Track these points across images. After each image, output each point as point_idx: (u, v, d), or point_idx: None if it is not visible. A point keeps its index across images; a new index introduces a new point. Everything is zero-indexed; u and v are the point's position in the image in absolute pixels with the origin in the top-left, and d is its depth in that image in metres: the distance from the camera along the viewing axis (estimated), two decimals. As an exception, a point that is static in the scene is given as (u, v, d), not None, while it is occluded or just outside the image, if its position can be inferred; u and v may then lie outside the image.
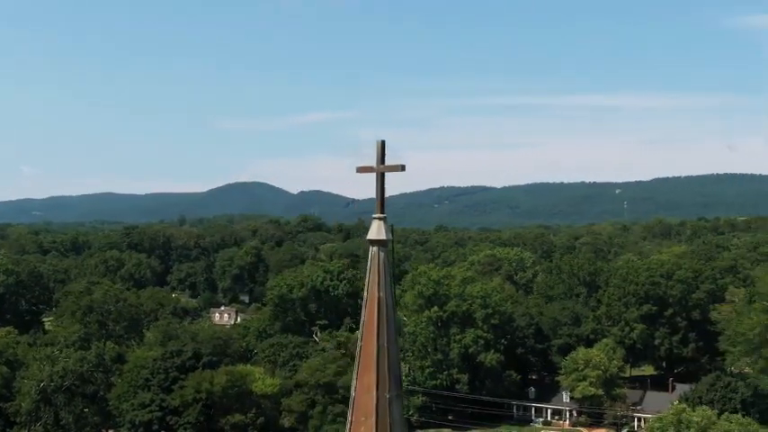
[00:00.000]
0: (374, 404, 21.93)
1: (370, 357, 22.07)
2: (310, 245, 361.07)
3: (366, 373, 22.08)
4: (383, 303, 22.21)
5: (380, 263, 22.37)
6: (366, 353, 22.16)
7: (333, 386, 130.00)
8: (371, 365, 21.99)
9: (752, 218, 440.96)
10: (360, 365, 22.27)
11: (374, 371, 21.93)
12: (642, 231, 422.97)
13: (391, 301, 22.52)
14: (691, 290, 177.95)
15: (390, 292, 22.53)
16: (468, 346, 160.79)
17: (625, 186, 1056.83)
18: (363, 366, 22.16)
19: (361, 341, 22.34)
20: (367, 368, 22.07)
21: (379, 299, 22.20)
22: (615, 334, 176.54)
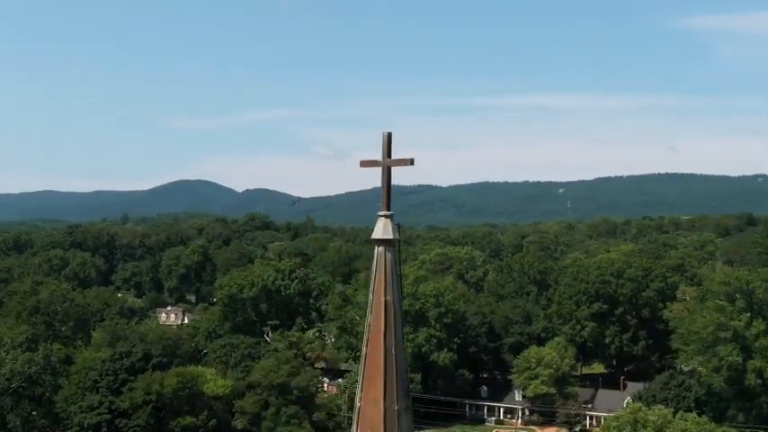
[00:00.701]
0: (382, 417, 20.30)
1: (376, 366, 20.41)
2: (258, 243, 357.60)
3: (372, 384, 20.41)
4: (390, 308, 20.56)
5: (387, 264, 20.68)
6: (372, 362, 20.48)
7: (287, 387, 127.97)
8: (378, 375, 20.33)
9: (695, 217, 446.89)
10: (365, 375, 20.58)
11: (381, 381, 20.28)
12: (587, 230, 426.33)
13: (399, 306, 20.87)
14: (641, 288, 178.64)
15: (398, 295, 20.87)
16: (421, 346, 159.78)
17: (568, 186, 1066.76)
18: (369, 376, 20.48)
19: (366, 348, 20.64)
20: (373, 378, 20.40)
21: (386, 303, 20.55)
22: (566, 332, 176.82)
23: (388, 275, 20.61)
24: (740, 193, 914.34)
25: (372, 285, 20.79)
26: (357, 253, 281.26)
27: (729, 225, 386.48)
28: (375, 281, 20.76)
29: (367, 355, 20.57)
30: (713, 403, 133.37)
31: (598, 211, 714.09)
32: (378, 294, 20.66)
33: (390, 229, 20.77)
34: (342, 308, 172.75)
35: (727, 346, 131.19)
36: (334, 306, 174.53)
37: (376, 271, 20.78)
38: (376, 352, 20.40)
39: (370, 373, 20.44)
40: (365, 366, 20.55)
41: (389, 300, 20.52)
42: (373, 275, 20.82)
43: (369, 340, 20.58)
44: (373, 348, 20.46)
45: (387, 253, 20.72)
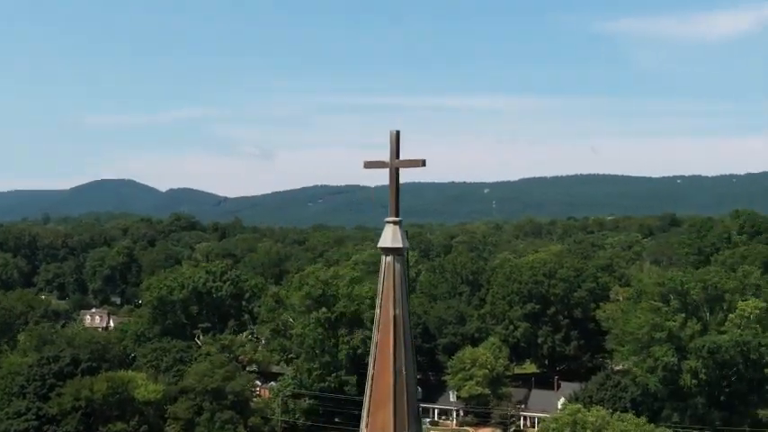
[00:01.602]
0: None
1: (385, 388, 18.44)
2: (185, 244, 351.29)
3: (381, 408, 18.43)
4: (399, 323, 18.68)
5: (396, 275, 18.79)
6: (381, 383, 18.51)
7: (221, 392, 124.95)
8: (387, 398, 18.36)
9: (619, 217, 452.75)
10: (372, 398, 18.60)
11: (391, 405, 18.32)
12: (514, 230, 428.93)
13: (408, 320, 18.97)
14: (572, 288, 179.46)
15: (407, 309, 18.97)
16: (357, 348, 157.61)
17: (493, 186, 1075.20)
18: (377, 399, 18.51)
19: (372, 368, 18.68)
20: (382, 402, 18.43)
21: (395, 317, 18.66)
22: (500, 332, 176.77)
23: (397, 288, 18.74)
24: (661, 193, 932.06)
25: (380, 298, 18.92)
26: (287, 254, 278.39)
27: (653, 225, 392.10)
28: (383, 293, 18.88)
29: (374, 376, 18.63)
30: (648, 403, 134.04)
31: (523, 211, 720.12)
32: (386, 308, 18.77)
33: (399, 236, 18.93)
34: (275, 310, 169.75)
35: (663, 347, 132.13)
36: (267, 308, 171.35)
37: (384, 282, 18.91)
38: (384, 373, 18.48)
39: (378, 396, 18.49)
40: (372, 388, 18.60)
41: (399, 314, 18.66)
42: (380, 287, 18.94)
43: (376, 359, 18.66)
44: (381, 368, 18.54)
45: (396, 263, 18.86)
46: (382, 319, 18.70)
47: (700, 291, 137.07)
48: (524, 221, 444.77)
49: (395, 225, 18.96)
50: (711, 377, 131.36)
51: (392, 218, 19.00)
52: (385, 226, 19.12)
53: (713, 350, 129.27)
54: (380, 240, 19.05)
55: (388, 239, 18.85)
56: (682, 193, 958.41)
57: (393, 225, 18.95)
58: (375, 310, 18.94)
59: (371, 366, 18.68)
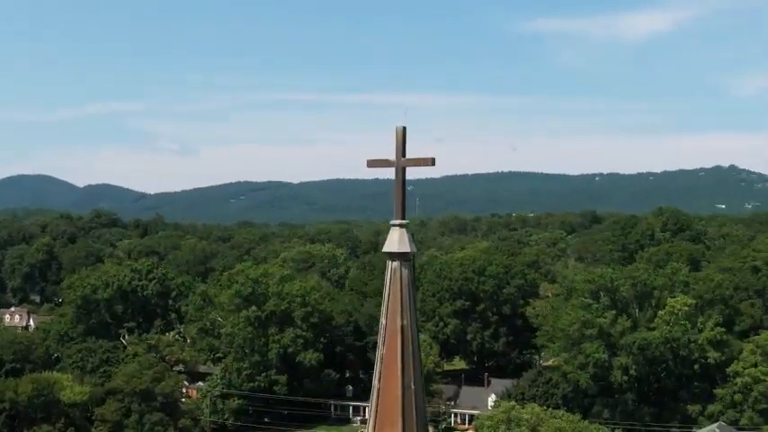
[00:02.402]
0: (400, 465, 16.99)
1: (393, 404, 17.07)
2: (106, 241, 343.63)
3: (388, 426, 17.06)
4: (407, 334, 17.34)
5: (403, 282, 17.44)
6: (388, 399, 17.15)
7: (150, 393, 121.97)
8: (395, 415, 17.00)
9: (542, 214, 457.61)
10: (378, 414, 17.23)
11: (399, 422, 16.96)
12: (439, 227, 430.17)
13: (416, 331, 17.65)
14: (501, 285, 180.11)
15: (415, 318, 17.65)
16: (288, 346, 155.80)
17: (416, 183, 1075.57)
18: (384, 416, 17.14)
19: (378, 383, 17.31)
20: (389, 419, 17.06)
21: (403, 328, 17.32)
22: (430, 329, 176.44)
23: (404, 296, 17.41)
24: (580, 191, 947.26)
25: (385, 307, 17.55)
26: (213, 251, 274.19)
27: (575, 222, 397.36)
28: (389, 302, 17.52)
29: (380, 391, 17.27)
30: (578, 400, 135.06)
31: (446, 208, 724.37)
32: (392, 318, 17.42)
33: (407, 240, 17.59)
34: (203, 309, 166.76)
35: (593, 343, 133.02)
36: (195, 307, 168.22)
37: (390, 290, 17.55)
38: (392, 388, 17.11)
39: (385, 413, 17.12)
40: (378, 404, 17.23)
41: (406, 324, 17.33)
42: (386, 296, 17.58)
43: (382, 373, 17.29)
44: (388, 383, 17.18)
45: (403, 269, 17.53)
46: (388, 330, 17.37)
47: (629, 287, 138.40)
48: (449, 218, 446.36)
49: (401, 228, 17.67)
50: (641, 373, 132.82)
51: (398, 220, 17.70)
52: (390, 229, 17.82)
53: (643, 346, 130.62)
54: (386, 245, 17.74)
55: (395, 244, 17.54)
56: (600, 191, 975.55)
57: (399, 228, 17.66)
58: (380, 320, 17.61)
59: (377, 380, 17.34)
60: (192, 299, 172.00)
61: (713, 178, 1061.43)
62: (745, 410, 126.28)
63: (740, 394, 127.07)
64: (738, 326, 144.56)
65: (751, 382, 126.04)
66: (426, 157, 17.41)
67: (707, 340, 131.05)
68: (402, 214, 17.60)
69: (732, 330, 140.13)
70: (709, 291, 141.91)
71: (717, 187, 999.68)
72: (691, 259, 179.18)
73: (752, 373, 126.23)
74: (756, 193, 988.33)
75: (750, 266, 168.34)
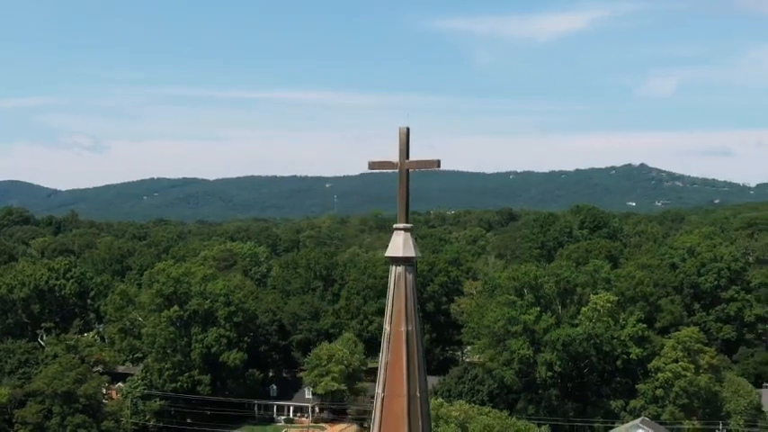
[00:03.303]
0: (406, 477, 16.48)
1: (397, 414, 16.57)
2: (18, 239, 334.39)
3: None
4: (412, 341, 16.88)
5: (408, 287, 17.08)
6: (392, 409, 16.63)
7: (72, 395, 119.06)
8: (401, 425, 16.50)
9: (460, 212, 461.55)
10: (383, 425, 16.70)
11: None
12: (359, 224, 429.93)
13: (421, 337, 17.19)
14: (425, 282, 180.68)
15: (419, 324, 17.19)
16: (211, 346, 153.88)
17: (335, 181, 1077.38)
18: (388, 426, 16.61)
19: (382, 392, 16.79)
20: (395, 428, 16.53)
21: (408, 334, 16.86)
22: (354, 327, 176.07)
23: (409, 301, 17.01)
24: (496, 189, 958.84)
25: (389, 313, 17.09)
26: (130, 249, 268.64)
27: (492, 220, 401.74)
28: (393, 308, 17.08)
29: (384, 401, 16.74)
30: (503, 396, 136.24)
31: (364, 205, 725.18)
32: (396, 324, 16.97)
33: (411, 244, 17.15)
34: (123, 308, 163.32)
35: (518, 340, 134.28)
36: (115, 307, 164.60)
37: (394, 295, 17.13)
38: (396, 397, 16.61)
39: (389, 422, 16.60)
40: (382, 415, 16.71)
41: (411, 330, 16.89)
42: (390, 301, 17.13)
43: (386, 382, 16.79)
44: (393, 392, 16.67)
45: (407, 274, 17.10)
46: (393, 336, 16.90)
47: (553, 285, 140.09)
48: (369, 216, 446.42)
49: (405, 232, 17.22)
50: (565, 369, 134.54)
51: (402, 224, 17.24)
52: (394, 233, 17.35)
53: (567, 343, 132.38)
54: (389, 249, 17.28)
55: (400, 248, 17.10)
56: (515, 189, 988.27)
57: (404, 233, 17.24)
58: (384, 326, 17.10)
59: (380, 389, 16.83)
60: (111, 298, 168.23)
61: (624, 177, 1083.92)
62: (666, 405, 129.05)
63: (662, 389, 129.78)
64: (659, 322, 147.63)
65: (672, 377, 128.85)
66: (431, 160, 17.03)
67: (629, 336, 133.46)
68: (406, 218, 17.18)
69: (653, 327, 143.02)
70: (630, 288, 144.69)
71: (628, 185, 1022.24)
72: (609, 256, 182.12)
73: (673, 369, 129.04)
74: (666, 191, 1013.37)
75: (668, 263, 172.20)
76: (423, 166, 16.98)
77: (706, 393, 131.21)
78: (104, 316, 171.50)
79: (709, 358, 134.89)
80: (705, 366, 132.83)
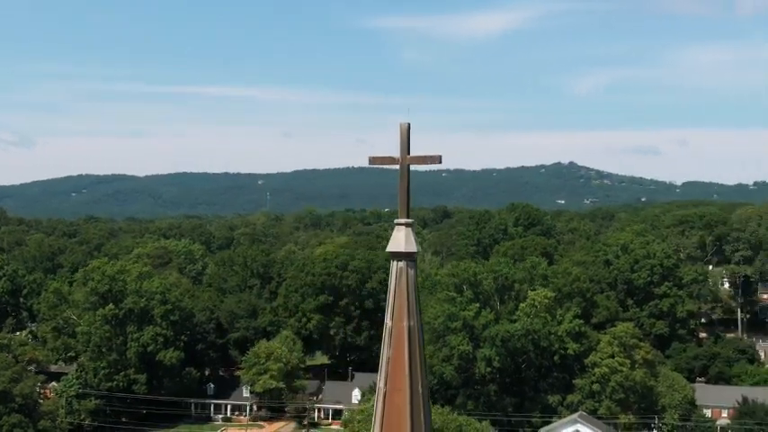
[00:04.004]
0: (410, 470, 16.52)
1: (400, 408, 16.61)
2: None
3: (395, 430, 16.59)
4: (414, 336, 16.87)
5: (409, 283, 17.01)
6: (394, 403, 16.66)
7: (7, 395, 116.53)
8: (403, 419, 16.54)
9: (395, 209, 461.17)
10: (385, 419, 16.72)
11: (408, 426, 16.49)
12: (294, 221, 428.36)
13: (422, 332, 17.19)
14: (364, 280, 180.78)
15: (420, 319, 17.20)
16: (147, 345, 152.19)
17: (267, 178, 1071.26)
18: (391, 420, 16.65)
19: (385, 385, 16.81)
20: (397, 422, 16.59)
21: (410, 329, 16.85)
22: (293, 325, 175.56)
23: (411, 296, 16.95)
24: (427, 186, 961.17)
25: (391, 308, 17.04)
26: (61, 247, 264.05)
27: (427, 217, 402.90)
28: (394, 303, 17.03)
29: (387, 395, 16.76)
30: (443, 392, 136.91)
31: (297, 202, 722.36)
32: (398, 320, 16.94)
33: (413, 239, 17.13)
34: (56, 307, 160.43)
35: (458, 336, 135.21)
36: (48, 305, 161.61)
37: (395, 291, 17.06)
38: (399, 392, 16.64)
39: (392, 416, 16.64)
40: (385, 409, 16.73)
41: (413, 325, 16.87)
42: (392, 296, 17.08)
43: (389, 376, 16.79)
44: (395, 387, 16.69)
45: (409, 269, 17.07)
46: (395, 331, 16.88)
47: (491, 281, 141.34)
48: (304, 213, 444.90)
49: (407, 227, 17.18)
50: (504, 365, 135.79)
51: (403, 219, 17.21)
52: (395, 228, 17.30)
53: (505, 338, 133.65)
54: (390, 244, 17.23)
55: (401, 243, 17.06)
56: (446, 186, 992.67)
57: (405, 228, 17.17)
58: (385, 321, 17.05)
59: (383, 383, 16.83)
60: (44, 296, 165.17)
61: (554, 175, 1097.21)
62: (603, 400, 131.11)
63: (598, 384, 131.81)
64: (595, 318, 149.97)
65: (608, 372, 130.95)
66: (433, 155, 17.00)
67: (566, 332, 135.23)
68: (407, 213, 17.13)
69: (589, 322, 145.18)
70: (567, 284, 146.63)
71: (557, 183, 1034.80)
72: (544, 253, 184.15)
73: (609, 364, 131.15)
74: (594, 189, 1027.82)
75: (602, 260, 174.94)
76: (424, 162, 16.97)
77: (641, 388, 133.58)
78: (37, 314, 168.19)
79: (644, 353, 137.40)
80: (640, 361, 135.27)
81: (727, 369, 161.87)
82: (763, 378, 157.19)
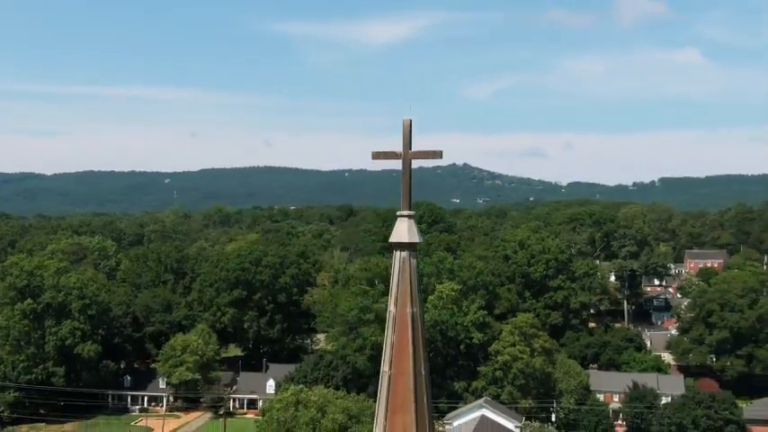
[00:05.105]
0: (415, 449, 16.60)
1: (405, 391, 16.63)
2: None
3: (401, 412, 16.61)
4: (417, 321, 16.91)
5: (412, 271, 17.04)
6: (399, 385, 16.68)
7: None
8: (408, 401, 16.57)
9: (302, 207, 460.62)
10: (390, 401, 16.72)
11: (412, 408, 16.53)
12: (203, 219, 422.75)
13: (423, 319, 17.27)
14: (277, 275, 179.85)
15: (422, 306, 17.27)
16: (65, 338, 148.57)
17: (174, 176, 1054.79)
18: (396, 402, 16.66)
19: (389, 370, 16.81)
20: (402, 405, 16.60)
21: (413, 315, 16.89)
22: (207, 319, 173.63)
23: (413, 284, 16.98)
24: (331, 185, 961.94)
25: (395, 296, 17.03)
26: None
27: (332, 215, 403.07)
28: (399, 290, 17.02)
29: (391, 379, 16.76)
30: (356, 381, 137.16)
31: (204, 201, 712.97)
32: (402, 306, 16.95)
33: (415, 230, 17.17)
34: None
35: (370, 327, 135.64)
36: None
37: (399, 279, 17.05)
38: (403, 375, 16.64)
39: (397, 399, 16.64)
40: (390, 391, 16.74)
41: (416, 312, 16.90)
42: (395, 284, 17.07)
43: (393, 360, 16.79)
44: (400, 370, 16.69)
45: (411, 258, 17.11)
46: (399, 317, 16.89)
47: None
48: (212, 211, 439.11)
49: (409, 219, 17.21)
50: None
51: (405, 211, 17.22)
52: (398, 220, 17.30)
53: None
54: (393, 235, 17.21)
55: (404, 234, 17.07)
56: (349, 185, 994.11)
57: (407, 219, 17.19)
58: (389, 308, 17.03)
59: (387, 367, 16.84)
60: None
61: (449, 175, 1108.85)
62: (505, 386, 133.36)
63: (501, 371, 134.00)
64: (498, 309, 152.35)
65: (510, 360, 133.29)
66: (434, 150, 17.07)
67: (471, 322, 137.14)
68: (409, 205, 17.16)
69: (492, 313, 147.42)
70: (471, 277, 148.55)
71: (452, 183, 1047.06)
72: (448, 248, 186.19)
73: (511, 352, 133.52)
74: (486, 189, 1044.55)
75: (502, 255, 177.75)
76: (425, 157, 17.03)
77: (540, 374, 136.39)
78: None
79: (543, 342, 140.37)
80: (539, 349, 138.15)
81: (616, 356, 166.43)
82: (650, 365, 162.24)
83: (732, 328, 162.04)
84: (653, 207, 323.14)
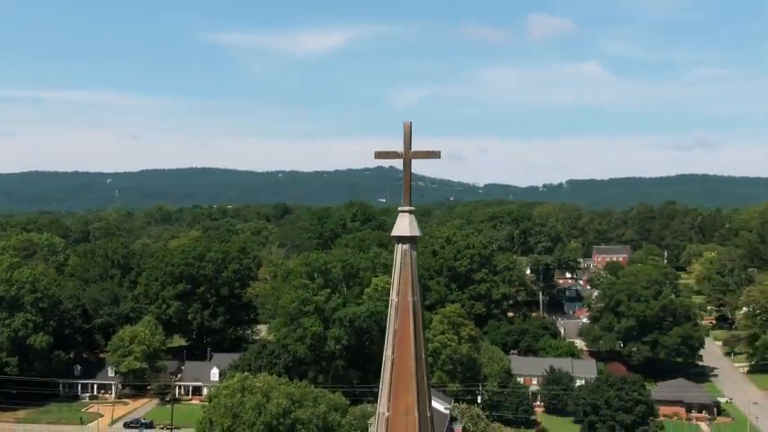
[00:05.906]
0: (417, 427, 16.72)
1: (407, 374, 16.81)
2: None
3: (404, 393, 16.79)
4: (417, 309, 17.06)
5: (412, 262, 17.17)
6: (402, 368, 16.83)
7: None
8: (410, 383, 16.76)
9: (240, 206, 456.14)
10: (394, 383, 16.87)
11: (414, 389, 16.75)
12: (145, 217, 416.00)
13: (422, 307, 17.41)
14: (220, 269, 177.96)
15: (421, 295, 17.39)
16: (18, 330, 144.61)
17: (115, 177, 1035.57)
18: (400, 384, 16.81)
19: (392, 354, 16.94)
20: (405, 386, 16.79)
21: (414, 303, 17.03)
22: (153, 311, 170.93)
23: (414, 275, 17.11)
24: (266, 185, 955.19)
25: (397, 285, 17.14)
26: None
27: (269, 213, 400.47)
28: (400, 281, 17.14)
29: (395, 362, 16.87)
30: (296, 368, 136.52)
31: (144, 200, 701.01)
32: (404, 295, 17.08)
33: (415, 225, 17.32)
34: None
35: (310, 318, 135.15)
36: None
37: (401, 270, 17.16)
38: (405, 358, 16.83)
39: (400, 380, 16.79)
40: (393, 374, 16.84)
41: (416, 300, 17.05)
42: (397, 275, 17.18)
43: (396, 345, 16.91)
44: (402, 354, 16.86)
45: (411, 251, 17.23)
46: (401, 305, 16.99)
47: (340, 269, 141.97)
48: (154, 209, 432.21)
49: (410, 214, 17.33)
50: (350, 342, 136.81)
51: (406, 207, 17.33)
52: (399, 215, 17.41)
53: (352, 319, 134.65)
54: (395, 229, 17.32)
55: (406, 228, 17.19)
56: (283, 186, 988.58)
57: (408, 214, 17.32)
58: (391, 297, 17.10)
59: (390, 352, 16.92)
60: None
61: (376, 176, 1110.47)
62: (435, 371, 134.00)
63: (431, 357, 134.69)
64: (428, 300, 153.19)
65: (440, 347, 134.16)
66: (433, 150, 17.21)
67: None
68: (410, 202, 17.28)
69: (423, 304, 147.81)
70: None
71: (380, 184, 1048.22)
72: (380, 244, 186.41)
73: (440, 340, 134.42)
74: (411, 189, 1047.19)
75: (430, 250, 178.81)
76: (425, 156, 17.15)
77: (467, 360, 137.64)
78: None
79: (469, 330, 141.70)
80: (466, 337, 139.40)
81: (534, 343, 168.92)
82: (565, 350, 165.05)
83: (638, 317, 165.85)
84: (563, 207, 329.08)
